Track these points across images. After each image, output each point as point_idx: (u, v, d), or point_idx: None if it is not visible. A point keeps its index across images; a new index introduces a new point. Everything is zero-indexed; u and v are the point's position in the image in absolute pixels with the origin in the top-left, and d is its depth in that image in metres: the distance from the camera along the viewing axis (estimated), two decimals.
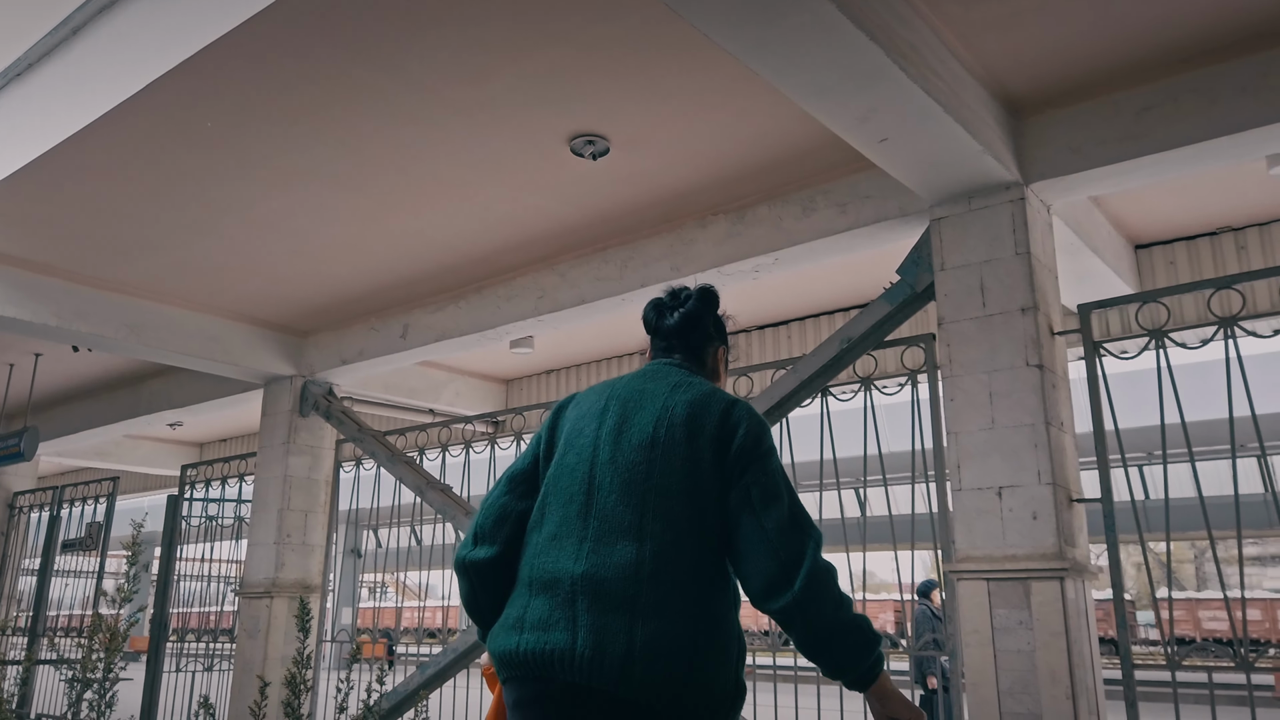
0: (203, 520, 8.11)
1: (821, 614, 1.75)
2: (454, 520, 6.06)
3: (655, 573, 1.73)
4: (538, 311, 5.86)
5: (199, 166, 4.58)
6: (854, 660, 1.78)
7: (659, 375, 2.03)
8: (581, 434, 1.95)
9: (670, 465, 1.83)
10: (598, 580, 1.75)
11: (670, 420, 1.89)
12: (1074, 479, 3.89)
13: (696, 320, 2.13)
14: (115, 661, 3.14)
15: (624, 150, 4.44)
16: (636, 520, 1.79)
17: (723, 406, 1.91)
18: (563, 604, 1.75)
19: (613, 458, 1.87)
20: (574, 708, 1.71)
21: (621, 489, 1.83)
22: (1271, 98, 3.57)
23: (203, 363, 6.89)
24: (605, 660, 1.67)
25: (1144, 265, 5.76)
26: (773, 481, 1.84)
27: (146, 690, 7.79)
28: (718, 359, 2.17)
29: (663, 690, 1.66)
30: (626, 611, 1.70)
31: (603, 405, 1.98)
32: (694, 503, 1.81)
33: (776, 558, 1.76)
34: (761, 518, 1.79)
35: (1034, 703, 3.54)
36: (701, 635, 1.72)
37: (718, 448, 1.85)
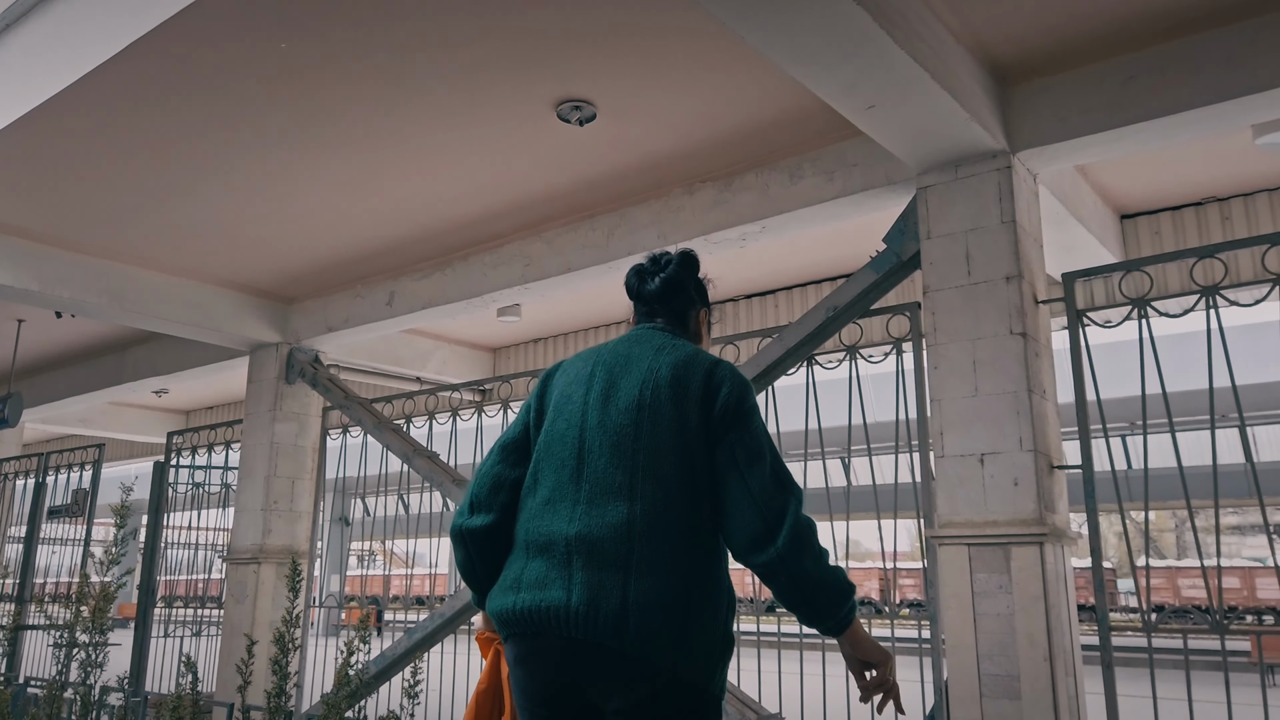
0: (189, 487, 8.12)
1: (802, 567, 1.83)
2: (441, 487, 6.08)
3: (646, 530, 1.79)
4: (524, 279, 5.85)
5: (180, 130, 4.53)
6: (832, 609, 1.87)
7: (643, 339, 2.08)
8: (570, 400, 2.00)
9: (658, 426, 1.89)
10: (591, 540, 1.80)
11: (656, 382, 1.94)
12: (1055, 446, 3.93)
13: (677, 285, 2.17)
14: (104, 623, 3.16)
15: (611, 116, 4.41)
16: (627, 481, 1.85)
17: (706, 367, 1.97)
18: (559, 564, 1.82)
19: (601, 421, 1.92)
20: (571, 661, 1.78)
21: (611, 451, 1.88)
22: (1255, 67, 3.57)
23: (186, 329, 6.86)
24: (600, 615, 1.73)
25: (1129, 235, 5.79)
26: (756, 440, 1.90)
27: (135, 655, 7.83)
28: (700, 321, 2.23)
29: (656, 643, 1.73)
30: (620, 569, 1.77)
31: (589, 371, 2.03)
32: (682, 462, 1.87)
33: (760, 515, 1.83)
34: (746, 476, 1.86)
35: (1011, 665, 3.60)
36: (694, 590, 1.79)
37: (703, 408, 1.91)
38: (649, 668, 1.74)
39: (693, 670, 1.76)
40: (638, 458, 1.86)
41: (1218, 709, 3.52)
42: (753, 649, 4.75)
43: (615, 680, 1.76)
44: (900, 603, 20.84)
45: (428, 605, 6.13)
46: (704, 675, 1.78)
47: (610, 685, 1.77)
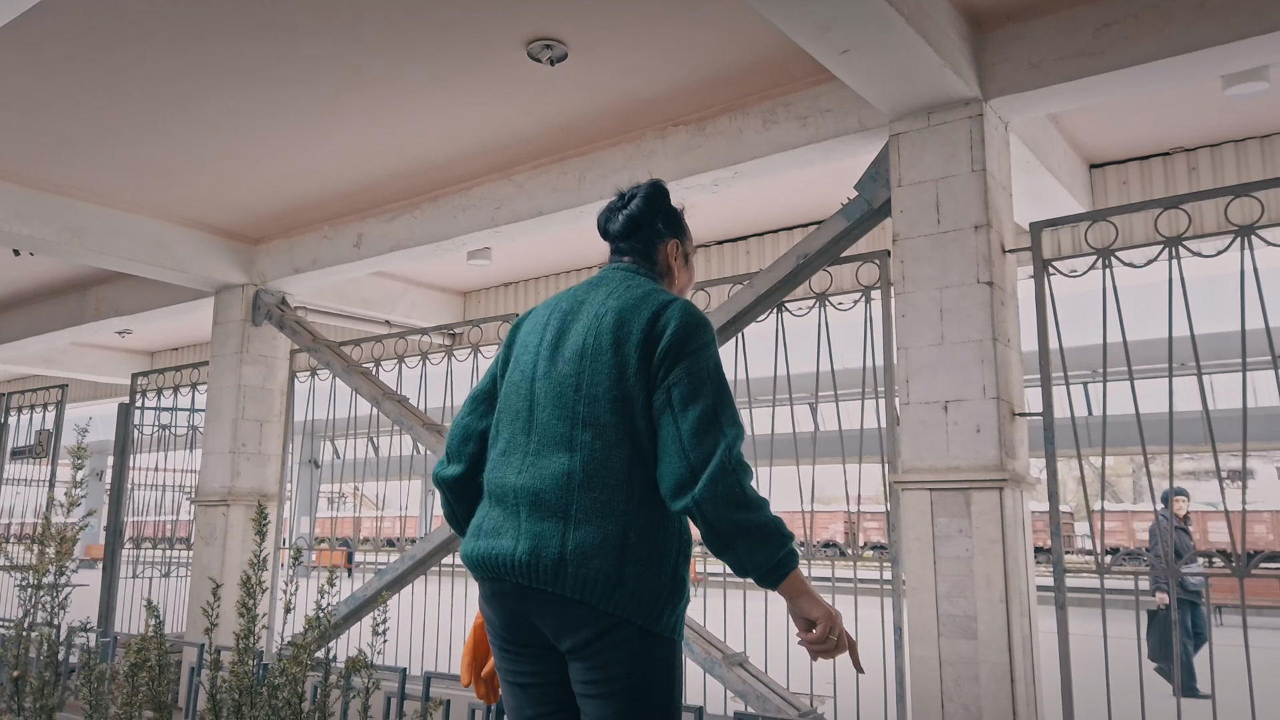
0: (155, 429, 8.05)
1: (720, 513, 1.78)
2: (412, 431, 6.08)
3: (585, 481, 1.84)
4: (495, 223, 5.78)
5: (139, 62, 4.40)
6: (753, 559, 1.80)
7: (603, 282, 2.07)
8: (526, 349, 2.04)
9: (597, 374, 1.90)
10: (534, 491, 1.88)
11: (599, 329, 1.94)
12: (1018, 394, 4.00)
13: (641, 219, 2.14)
14: (67, 566, 3.16)
15: (582, 56, 4.34)
16: (567, 431, 1.89)
17: (653, 309, 1.94)
18: (510, 513, 1.91)
19: (547, 372, 1.96)
20: (522, 604, 1.87)
21: (555, 402, 1.92)
22: (1228, 16, 3.57)
23: (149, 269, 6.73)
24: (540, 564, 1.82)
25: (1097, 185, 5.82)
26: (695, 381, 1.86)
27: (103, 596, 7.83)
28: (669, 255, 2.17)
29: (594, 588, 1.79)
30: (560, 519, 1.84)
31: (546, 319, 2.05)
32: (621, 409, 1.87)
33: (685, 459, 1.80)
34: (679, 419, 1.83)
35: (969, 605, 3.70)
36: (631, 535, 1.82)
37: (644, 351, 1.89)
38: (590, 610, 1.80)
39: (637, 613, 1.81)
40: (578, 407, 1.89)
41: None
42: (719, 590, 4.85)
43: (563, 623, 1.83)
44: (864, 545, 21.27)
45: (398, 548, 6.16)
46: (650, 617, 1.82)
47: (559, 627, 1.84)
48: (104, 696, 2.82)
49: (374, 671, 2.88)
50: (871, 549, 22.69)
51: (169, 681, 2.77)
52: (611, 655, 1.81)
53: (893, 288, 4.21)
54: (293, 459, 7.26)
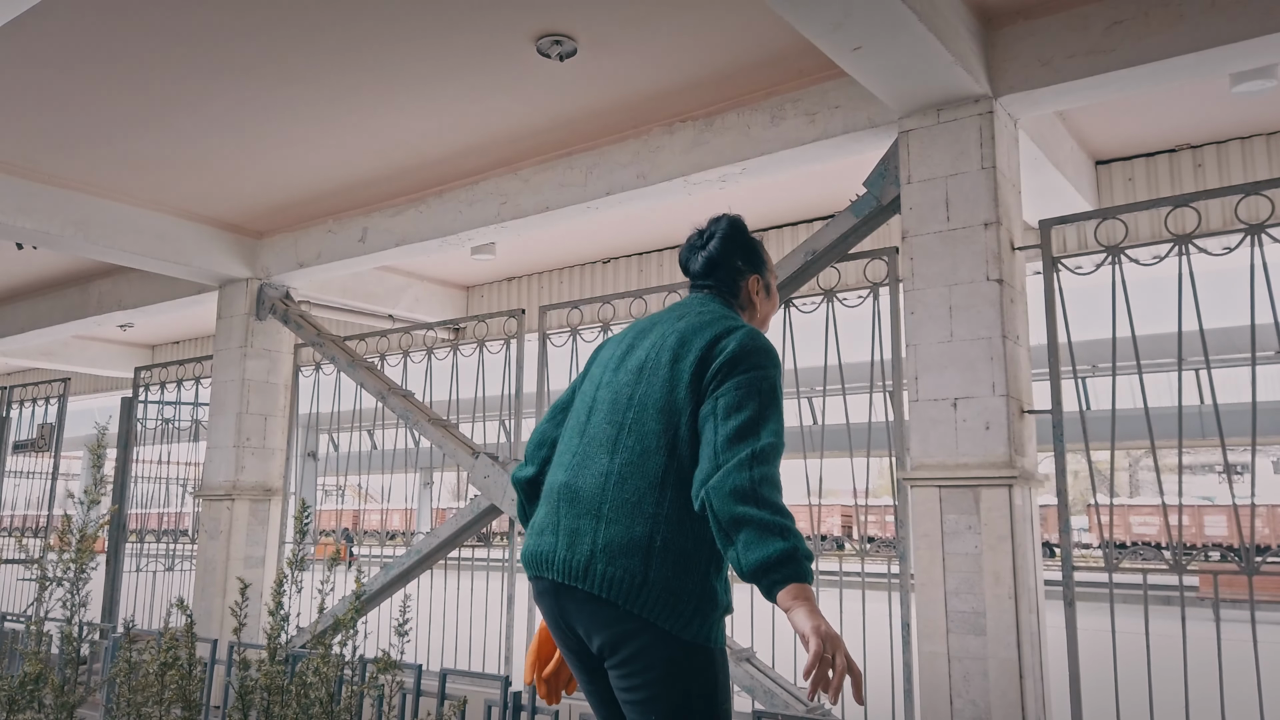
0: (159, 423, 8.05)
1: (725, 505, 1.76)
2: (417, 426, 6.08)
3: (620, 482, 1.90)
4: (500, 217, 5.78)
5: (146, 57, 4.39)
6: (751, 555, 1.73)
7: (681, 307, 2.17)
8: (600, 365, 2.17)
9: (651, 386, 1.98)
10: (574, 489, 1.95)
11: (661, 346, 2.04)
12: (1026, 391, 4.01)
13: (719, 260, 2.21)
14: (87, 564, 3.16)
15: (592, 52, 4.33)
16: (614, 435, 1.97)
17: (717, 331, 2.00)
18: (552, 511, 1.99)
19: (610, 382, 2.07)
20: (563, 601, 1.92)
21: (609, 408, 2.02)
22: (1237, 15, 3.57)
23: (153, 263, 6.72)
24: (573, 561, 1.88)
25: (1103, 181, 5.83)
26: (743, 395, 1.88)
27: (107, 589, 7.84)
28: (750, 290, 2.23)
29: (620, 587, 1.82)
30: (594, 517, 1.89)
31: (622, 338, 2.18)
32: (665, 418, 1.93)
33: (715, 460, 1.82)
34: (719, 426, 1.86)
35: (978, 601, 3.72)
36: (659, 537, 1.84)
37: (699, 367, 1.95)
38: (617, 610, 1.82)
39: (663, 617, 1.81)
40: (628, 414, 1.97)
41: (1172, 643, 3.68)
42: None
43: (593, 621, 1.86)
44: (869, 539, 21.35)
45: (404, 541, 6.17)
46: (674, 622, 1.81)
47: (590, 626, 1.88)
48: (129, 694, 2.83)
49: (399, 672, 2.89)
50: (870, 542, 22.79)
51: (199, 680, 2.78)
52: (641, 660, 1.82)
53: (901, 284, 4.22)
54: (296, 453, 7.26)
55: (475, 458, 5.71)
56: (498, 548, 9.77)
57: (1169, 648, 3.73)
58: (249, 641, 3.90)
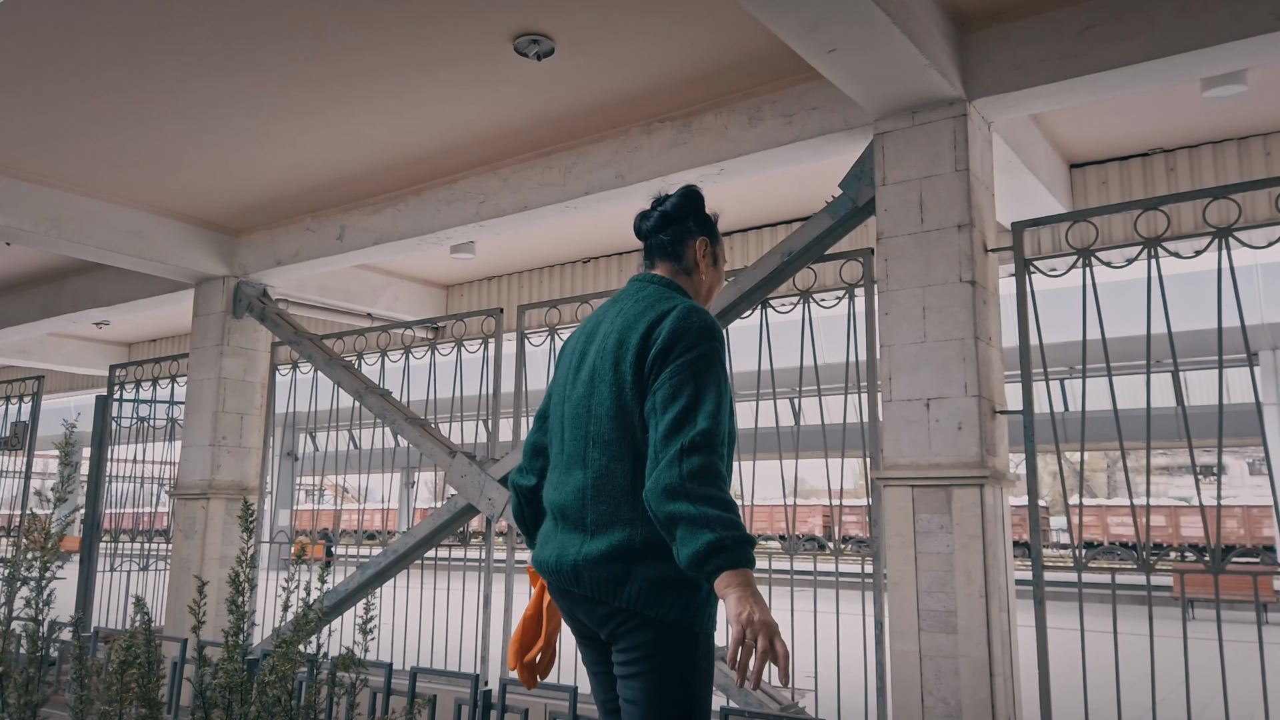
0: (133, 421, 7.99)
1: (659, 504, 1.82)
2: (394, 425, 6.06)
3: (596, 495, 2.01)
4: (479, 216, 5.77)
5: (121, 51, 4.36)
6: (685, 549, 1.78)
7: (620, 299, 2.19)
8: (561, 373, 2.24)
9: (601, 395, 2.04)
10: (561, 505, 2.09)
11: (604, 350, 2.08)
12: (999, 392, 4.04)
13: (675, 215, 2.23)
14: (52, 561, 3.13)
15: (569, 51, 4.33)
16: (582, 450, 2.06)
17: (650, 320, 2.01)
18: (552, 524, 2.13)
19: (569, 395, 2.15)
20: (566, 600, 2.09)
21: (574, 423, 2.10)
22: (1208, 20, 3.62)
23: (129, 260, 6.67)
24: (564, 569, 2.03)
25: (1077, 184, 5.88)
26: (677, 383, 1.90)
27: (80, 589, 7.77)
28: (698, 251, 2.23)
29: (607, 588, 1.96)
30: (579, 529, 2.03)
31: (576, 342, 2.22)
32: (621, 424, 2.00)
33: (655, 459, 1.88)
34: (659, 423, 1.90)
35: (949, 600, 3.75)
36: (636, 539, 1.95)
37: (637, 364, 1.99)
38: (607, 607, 1.98)
39: (649, 606, 1.93)
40: (589, 426, 2.05)
41: (1141, 641, 3.72)
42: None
43: (592, 616, 2.03)
44: (844, 539, 21.42)
45: (380, 541, 6.15)
46: (662, 610, 1.93)
47: (591, 619, 2.04)
48: (92, 692, 2.80)
49: (363, 670, 2.88)
50: (846, 542, 22.87)
51: (158, 678, 2.76)
52: (632, 643, 1.96)
53: (876, 285, 4.24)
54: (273, 452, 7.21)
55: (452, 457, 5.70)
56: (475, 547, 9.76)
57: (1141, 646, 3.77)
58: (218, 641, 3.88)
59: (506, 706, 3.13)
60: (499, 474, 5.41)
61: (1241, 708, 3.78)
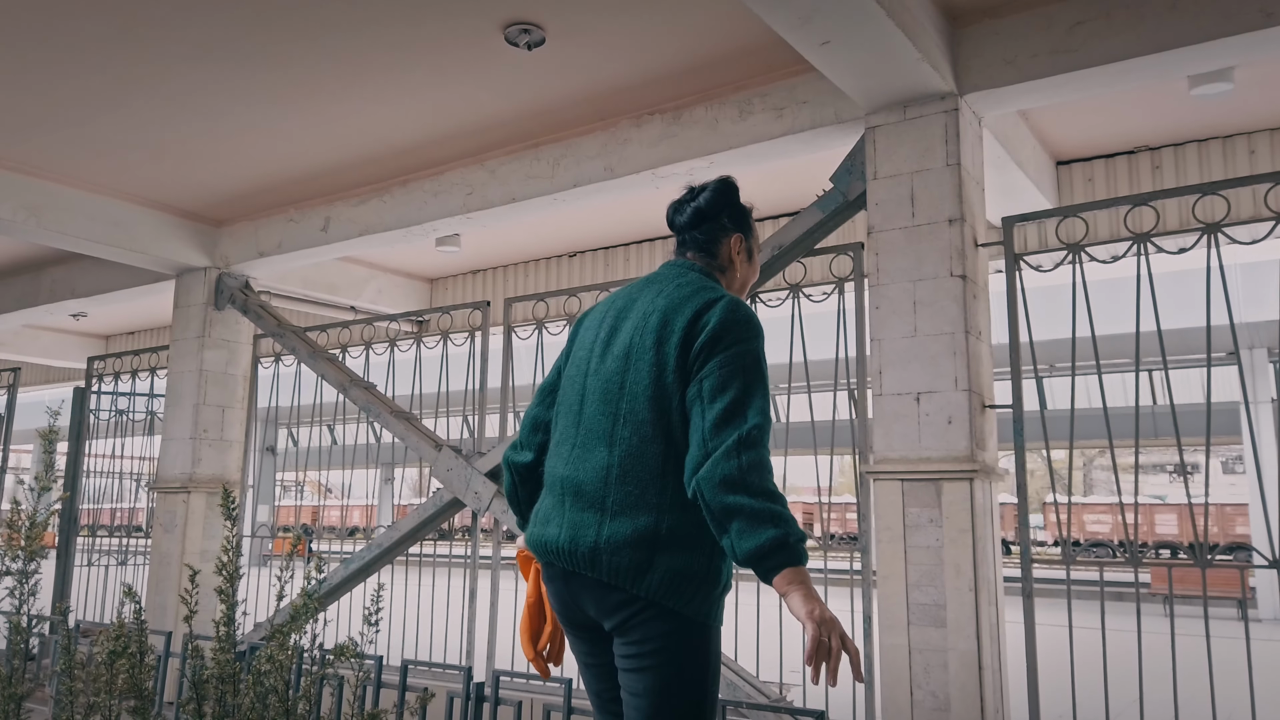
0: (112, 414, 7.88)
1: (715, 495, 1.81)
2: (379, 419, 6.01)
3: (622, 476, 1.94)
4: (466, 209, 5.73)
5: (101, 38, 4.28)
6: (744, 544, 1.79)
7: (658, 280, 2.15)
8: (584, 346, 2.16)
9: (639, 373, 1.98)
10: (577, 482, 2.00)
11: (644, 328, 2.02)
12: (988, 386, 4.05)
13: (708, 212, 2.19)
14: (37, 551, 3.07)
15: (560, 41, 4.30)
16: (609, 427, 1.99)
17: (697, 306, 1.99)
18: (557, 502, 2.04)
19: (597, 369, 2.07)
20: (570, 586, 2.00)
21: (601, 397, 2.03)
22: (1197, 17, 3.63)
23: (108, 250, 6.57)
24: (578, 551, 1.94)
25: (1064, 181, 5.91)
26: (726, 374, 1.90)
27: (58, 584, 7.67)
28: (732, 248, 2.21)
29: (627, 575, 1.89)
30: (597, 510, 1.95)
31: (602, 316, 2.16)
32: (657, 405, 1.95)
33: (704, 448, 1.86)
34: (706, 410, 1.88)
35: (939, 594, 3.75)
36: (664, 526, 1.90)
37: (683, 348, 1.95)
38: (624, 594, 1.90)
39: (669, 597, 1.88)
40: (620, 404, 1.98)
41: (1128, 637, 3.74)
42: None
43: (603, 605, 1.94)
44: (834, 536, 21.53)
45: (364, 536, 6.10)
46: (679, 601, 1.89)
47: (600, 609, 1.96)
48: (79, 684, 2.76)
49: (363, 661, 2.85)
50: (833, 539, 23.01)
51: (149, 669, 2.71)
52: (645, 635, 1.90)
53: (866, 280, 4.24)
54: (254, 446, 7.14)
55: (438, 451, 5.65)
56: (460, 543, 9.70)
57: (1126, 641, 3.79)
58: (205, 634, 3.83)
59: (500, 700, 3.11)
60: (485, 468, 5.38)
61: (1226, 701, 3.81)
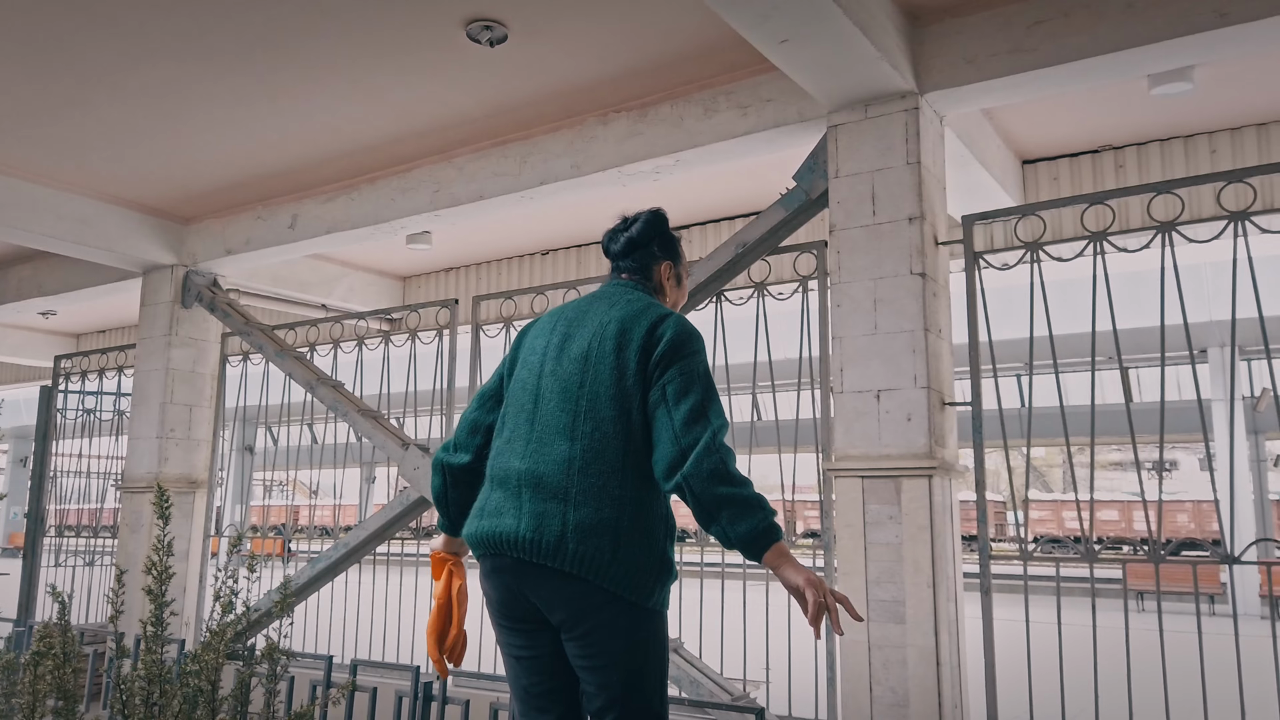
0: (79, 414, 7.81)
1: (706, 488, 2.00)
2: (347, 417, 5.98)
3: (584, 467, 2.06)
4: (434, 206, 5.70)
5: (63, 34, 4.23)
6: (738, 529, 2.00)
7: (604, 296, 2.32)
8: (534, 352, 2.29)
9: (600, 374, 2.13)
10: (537, 475, 2.09)
11: (603, 335, 2.19)
12: (948, 384, 4.07)
13: (638, 241, 2.40)
14: None
15: (523, 38, 4.29)
16: (569, 422, 2.11)
17: (652, 319, 2.19)
18: (512, 495, 2.11)
19: (554, 370, 2.20)
20: (520, 578, 2.08)
21: (559, 396, 2.15)
22: (1154, 17, 3.66)
23: (73, 248, 6.50)
24: (543, 541, 2.02)
25: (1029, 180, 5.95)
26: (688, 380, 2.11)
27: (24, 585, 7.59)
28: (663, 275, 2.43)
29: (590, 564, 2.00)
30: (560, 500, 2.05)
31: (552, 326, 2.30)
32: (619, 404, 2.10)
33: (677, 444, 2.04)
34: (672, 412, 2.07)
35: (898, 590, 3.77)
36: (625, 518, 2.04)
37: (642, 355, 2.14)
38: (586, 585, 2.01)
39: (627, 588, 2.02)
40: (580, 402, 2.12)
41: (1087, 631, 3.77)
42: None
43: (557, 595, 2.03)
44: (804, 533, 21.58)
45: (333, 535, 6.07)
46: (639, 593, 2.04)
47: (553, 599, 2.04)
48: (14, 686, 2.72)
49: (289, 659, 2.83)
50: (806, 536, 23.07)
51: (75, 670, 2.69)
52: (608, 629, 2.02)
53: (829, 278, 4.26)
54: (225, 445, 7.08)
55: (405, 449, 5.63)
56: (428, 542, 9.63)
57: (1085, 637, 3.82)
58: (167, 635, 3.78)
59: (448, 698, 3.10)
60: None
61: (1181, 694, 3.85)
